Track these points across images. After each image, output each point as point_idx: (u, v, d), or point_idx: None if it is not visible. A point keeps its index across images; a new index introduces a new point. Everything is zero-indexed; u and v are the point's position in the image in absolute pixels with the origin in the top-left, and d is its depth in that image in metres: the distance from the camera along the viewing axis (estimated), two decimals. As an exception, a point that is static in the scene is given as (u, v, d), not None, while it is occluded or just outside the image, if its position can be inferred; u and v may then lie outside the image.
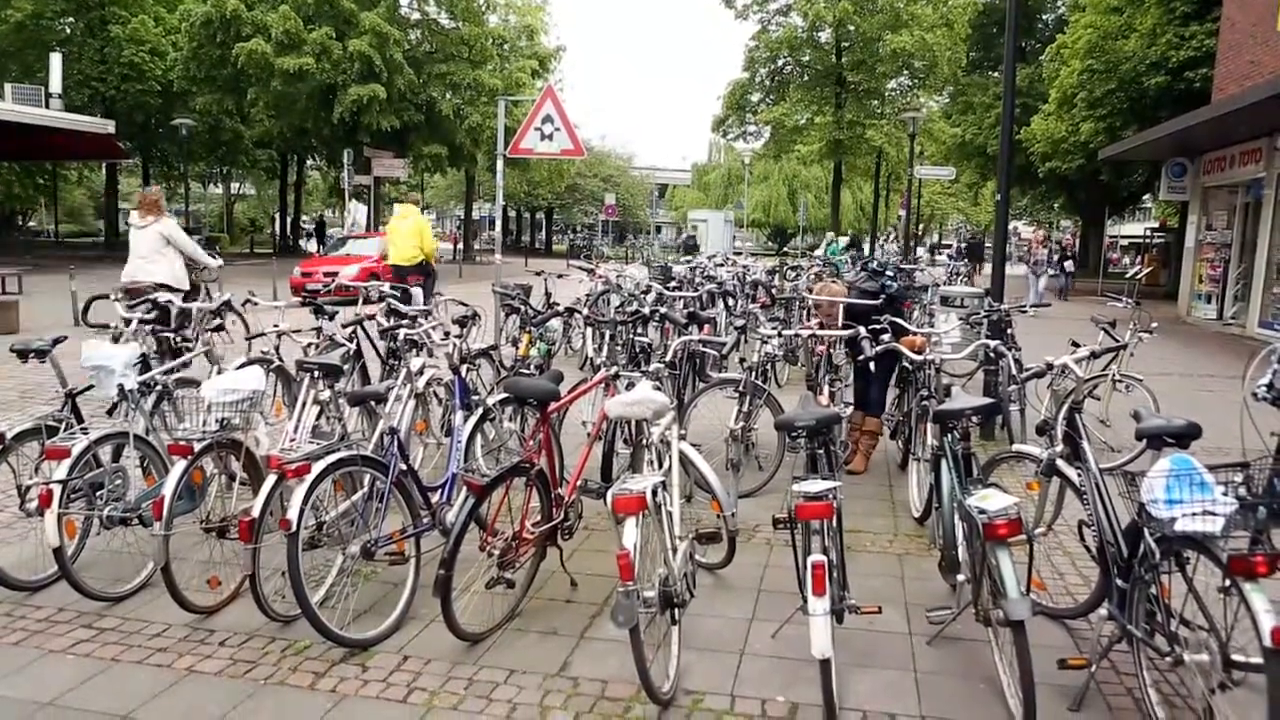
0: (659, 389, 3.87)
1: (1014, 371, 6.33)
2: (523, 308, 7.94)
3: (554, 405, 4.15)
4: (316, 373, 4.63)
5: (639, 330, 6.39)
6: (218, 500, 4.09)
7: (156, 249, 7.69)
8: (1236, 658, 2.59)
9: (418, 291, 8.19)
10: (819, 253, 22.95)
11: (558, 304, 9.61)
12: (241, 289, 7.03)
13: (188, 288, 7.94)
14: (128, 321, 5.73)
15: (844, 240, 29.64)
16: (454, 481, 4.55)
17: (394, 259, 10.54)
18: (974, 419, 3.76)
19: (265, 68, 26.49)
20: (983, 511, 3.00)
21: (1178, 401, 7.59)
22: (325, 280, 15.68)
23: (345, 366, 5.35)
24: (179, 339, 5.81)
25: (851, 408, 6.16)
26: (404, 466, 3.92)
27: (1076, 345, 4.72)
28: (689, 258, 18.95)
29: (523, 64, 33.10)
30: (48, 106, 23.36)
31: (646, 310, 6.51)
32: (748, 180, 54.09)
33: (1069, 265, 23.38)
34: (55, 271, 17.78)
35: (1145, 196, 35.72)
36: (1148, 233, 35.83)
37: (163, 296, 5.78)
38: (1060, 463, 3.60)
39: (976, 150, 31.80)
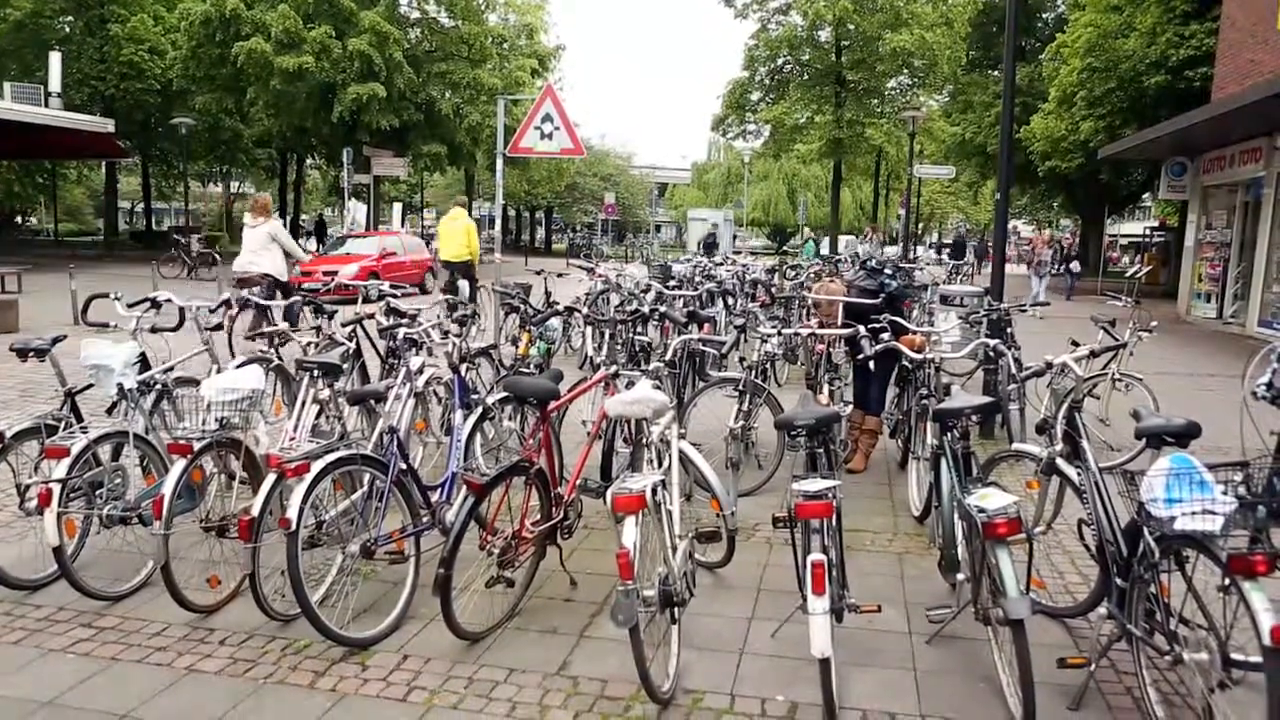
0: (658, 388, 3.87)
1: (1014, 370, 6.33)
2: (522, 307, 7.94)
3: (553, 404, 4.15)
4: (316, 372, 4.63)
5: (639, 329, 6.39)
6: (217, 499, 4.09)
7: (264, 245, 8.91)
8: (1236, 656, 2.59)
9: (464, 284, 8.70)
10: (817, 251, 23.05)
11: (557, 303, 9.60)
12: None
13: (286, 278, 9.12)
14: (240, 305, 6.45)
15: (852, 239, 29.72)
16: (453, 480, 4.55)
17: (443, 255, 12.02)
18: (973, 418, 3.75)
19: (265, 67, 26.44)
20: (982, 510, 3.00)
21: (1177, 400, 7.58)
22: (325, 279, 15.62)
23: (345, 365, 5.35)
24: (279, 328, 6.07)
25: (851, 406, 6.16)
26: (403, 465, 3.92)
27: (1076, 344, 4.72)
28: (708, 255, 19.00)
29: (522, 63, 33.04)
30: (47, 105, 23.37)
31: (646, 309, 6.51)
32: (747, 179, 54.07)
33: (1075, 266, 23.29)
34: (54, 270, 17.76)
35: (1145, 195, 35.72)
36: (1147, 232, 35.82)
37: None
38: (1060, 461, 3.60)
39: (976, 149, 31.81)
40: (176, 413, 4.43)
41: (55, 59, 25.51)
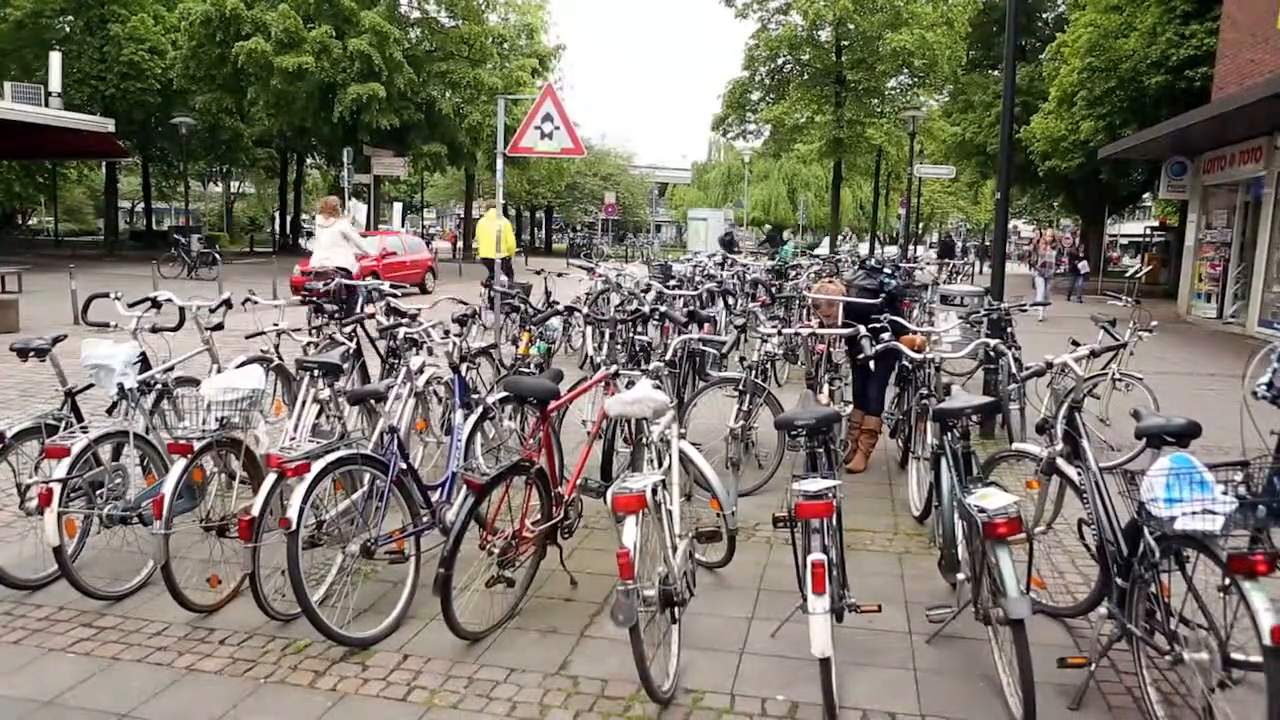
0: (659, 387, 3.87)
1: (1014, 370, 6.33)
2: (522, 306, 7.94)
3: (554, 404, 4.15)
4: (316, 371, 4.63)
5: (639, 329, 6.39)
6: (218, 499, 4.09)
7: (336, 243, 9.92)
8: (1236, 656, 2.59)
9: (504, 278, 10.37)
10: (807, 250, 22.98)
11: (557, 303, 9.61)
12: (241, 288, 7.03)
13: (356, 269, 10.09)
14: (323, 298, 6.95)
15: (844, 240, 29.74)
16: (454, 480, 4.55)
17: (484, 253, 13.49)
18: (974, 417, 3.76)
19: (265, 66, 26.46)
20: (982, 510, 3.00)
21: (1177, 400, 7.58)
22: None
23: (345, 365, 5.34)
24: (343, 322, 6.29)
25: (851, 406, 6.16)
26: (404, 465, 3.92)
27: (1076, 344, 4.71)
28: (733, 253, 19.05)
29: (522, 63, 33.05)
30: (47, 105, 23.37)
31: (646, 309, 6.51)
32: (747, 179, 54.05)
33: (1083, 267, 23.21)
34: (55, 270, 17.77)
35: (1145, 195, 35.68)
36: (1148, 231, 35.78)
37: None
38: (1060, 461, 3.60)
39: (976, 149, 31.78)
40: (177, 412, 4.43)
41: (55, 59, 25.51)
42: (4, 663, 3.38)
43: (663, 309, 6.64)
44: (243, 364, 5.02)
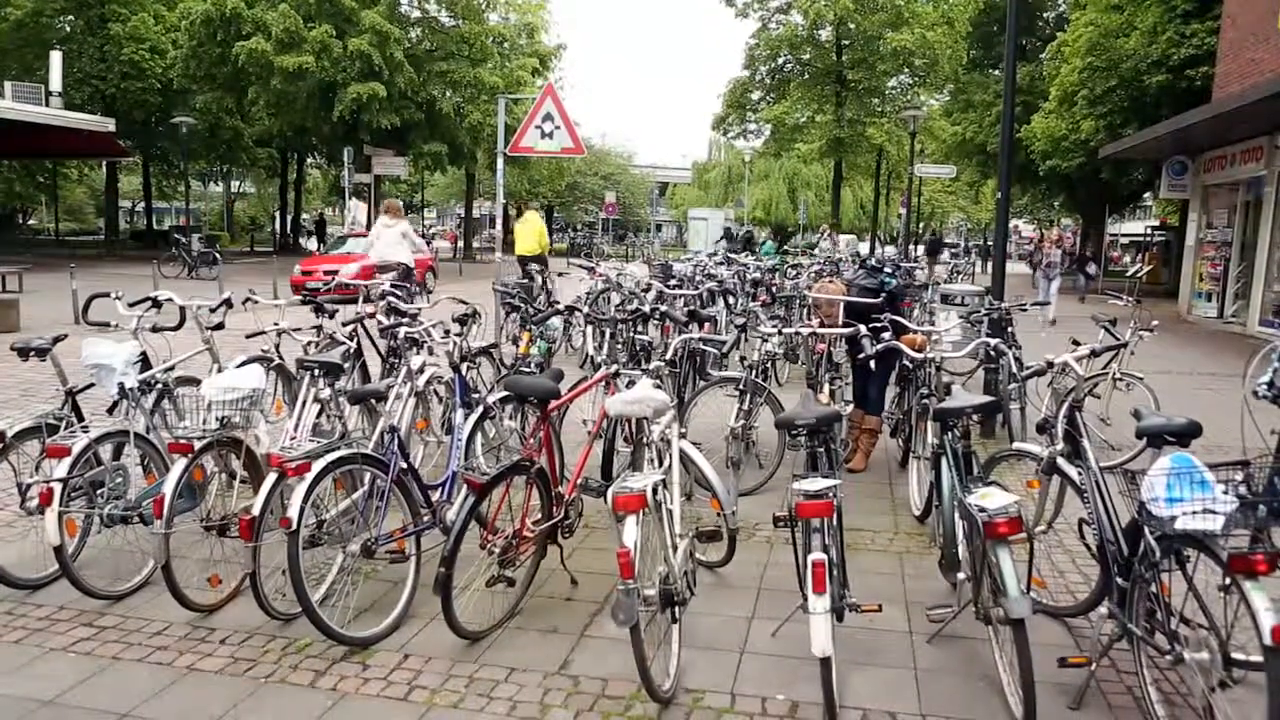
0: (659, 387, 3.87)
1: (1014, 370, 6.33)
2: (523, 306, 7.94)
3: (554, 403, 4.15)
4: (317, 371, 4.63)
5: (639, 328, 6.39)
6: (218, 498, 4.10)
7: (397, 241, 10.94)
8: (1237, 656, 2.60)
9: (538, 279, 11.18)
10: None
11: (558, 302, 9.61)
12: (242, 287, 7.03)
13: (412, 264, 11.10)
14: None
15: (852, 238, 29.48)
16: (454, 480, 4.55)
17: (519, 250, 13.83)
18: (974, 417, 3.76)
19: (265, 66, 26.45)
20: (983, 510, 3.00)
21: (1178, 400, 7.58)
22: (325, 279, 15.65)
23: (345, 365, 5.35)
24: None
25: (851, 406, 6.16)
26: (404, 465, 3.92)
27: (1077, 343, 4.71)
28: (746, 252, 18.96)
29: (523, 62, 33.02)
30: (48, 105, 23.38)
31: (647, 308, 6.51)
32: (748, 178, 54.03)
33: (1090, 269, 23.04)
34: (55, 270, 17.78)
35: (1146, 195, 35.66)
36: (1148, 231, 35.74)
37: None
38: (1061, 461, 3.60)
39: (977, 148, 31.74)
40: (177, 412, 4.44)
41: (56, 58, 25.52)
42: (4, 662, 3.39)
43: (663, 308, 6.64)
44: (243, 363, 5.01)
